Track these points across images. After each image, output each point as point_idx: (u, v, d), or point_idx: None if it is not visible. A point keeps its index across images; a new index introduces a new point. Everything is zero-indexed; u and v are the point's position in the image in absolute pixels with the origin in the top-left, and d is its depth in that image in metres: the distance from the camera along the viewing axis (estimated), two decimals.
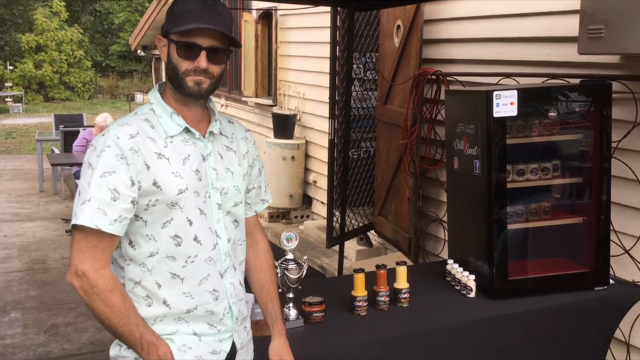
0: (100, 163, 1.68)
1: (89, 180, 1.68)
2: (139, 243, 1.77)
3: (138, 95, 18.92)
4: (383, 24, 5.08)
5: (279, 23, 7.98)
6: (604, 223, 2.95)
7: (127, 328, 1.71)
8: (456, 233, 3.27)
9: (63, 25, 26.01)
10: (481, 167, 2.82)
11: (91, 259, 1.68)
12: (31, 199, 8.88)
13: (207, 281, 1.83)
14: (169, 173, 1.75)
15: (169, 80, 1.82)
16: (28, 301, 5.20)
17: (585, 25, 3.14)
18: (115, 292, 1.70)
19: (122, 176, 1.68)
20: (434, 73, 4.38)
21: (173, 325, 1.81)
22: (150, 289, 1.78)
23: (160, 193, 1.73)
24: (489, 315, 2.70)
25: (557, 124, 2.96)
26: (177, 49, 1.76)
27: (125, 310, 1.71)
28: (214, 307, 1.85)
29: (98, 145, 1.72)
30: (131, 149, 1.70)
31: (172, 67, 1.78)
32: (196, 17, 1.72)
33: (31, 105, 23.53)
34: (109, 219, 1.67)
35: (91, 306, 1.70)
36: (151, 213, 1.75)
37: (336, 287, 2.97)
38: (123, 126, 1.74)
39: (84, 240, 1.68)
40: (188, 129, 1.82)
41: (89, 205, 1.65)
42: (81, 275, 1.67)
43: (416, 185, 4.60)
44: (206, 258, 1.82)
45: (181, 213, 1.77)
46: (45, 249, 6.64)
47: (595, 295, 2.90)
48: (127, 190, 1.69)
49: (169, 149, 1.77)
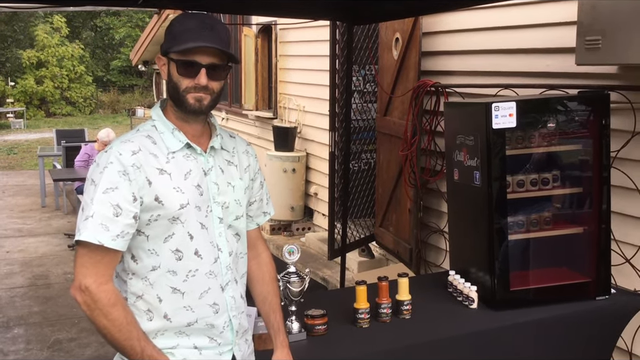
0: (103, 180, 1.71)
1: (91, 196, 1.71)
2: (141, 258, 1.79)
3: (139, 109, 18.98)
4: (382, 37, 5.12)
5: (278, 36, 8.03)
6: (604, 233, 2.96)
7: (128, 343, 1.73)
8: (457, 244, 3.28)
9: (64, 40, 26.15)
10: (481, 178, 2.84)
11: (93, 273, 1.70)
12: (33, 215, 8.90)
13: (208, 294, 1.85)
14: (170, 189, 1.78)
15: (170, 97, 1.86)
16: (31, 317, 5.20)
17: (582, 36, 3.17)
18: (117, 307, 1.72)
19: (124, 192, 1.71)
20: (433, 84, 4.41)
21: (174, 339, 1.83)
22: (151, 302, 1.80)
23: (162, 208, 1.76)
24: (492, 325, 2.71)
25: (556, 134, 2.97)
26: (177, 67, 1.79)
27: (126, 324, 1.72)
28: (214, 320, 1.86)
29: (101, 162, 1.75)
30: (133, 165, 1.73)
31: (173, 85, 1.82)
32: (194, 35, 1.76)
33: (32, 121, 23.60)
34: (112, 234, 1.69)
35: (93, 320, 1.72)
36: (153, 227, 1.77)
37: (338, 299, 2.98)
38: (126, 143, 1.77)
39: (87, 255, 1.71)
40: (189, 145, 1.84)
41: (91, 221, 1.68)
42: (83, 289, 1.70)
43: (417, 196, 4.62)
44: (207, 272, 1.84)
45: (182, 227, 1.79)
46: (47, 264, 6.65)
47: (596, 304, 2.90)
48: (129, 206, 1.71)
49: (171, 164, 1.80)
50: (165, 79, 1.85)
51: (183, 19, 1.82)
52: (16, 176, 12.46)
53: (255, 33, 8.50)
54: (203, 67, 1.78)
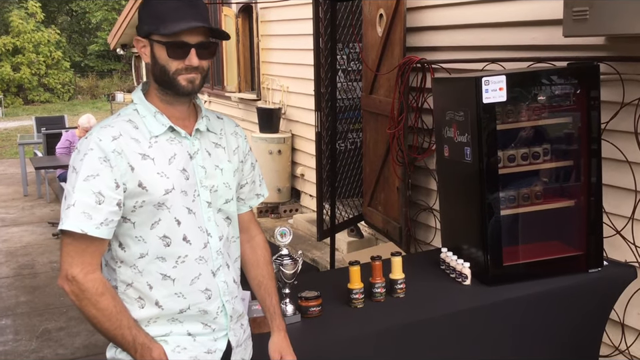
0: (83, 167, 1.67)
1: (73, 184, 1.68)
2: (129, 245, 1.76)
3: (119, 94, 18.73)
4: (366, 13, 5.05)
5: (259, 16, 7.92)
6: (595, 205, 2.96)
7: (119, 331, 1.71)
8: (448, 221, 3.26)
9: (40, 26, 25.68)
10: (472, 153, 2.81)
11: (80, 263, 1.68)
12: (15, 204, 8.78)
13: (199, 280, 1.81)
14: (154, 174, 1.74)
15: (156, 81, 1.79)
16: (18, 307, 5.14)
17: (570, 7, 3.13)
18: (106, 295, 1.69)
19: (106, 179, 1.67)
20: (419, 61, 4.36)
21: (167, 326, 1.80)
22: (142, 290, 1.77)
23: (146, 194, 1.72)
24: (486, 301, 2.70)
25: (546, 108, 2.95)
26: (166, 49, 1.73)
27: (116, 313, 1.70)
28: (207, 306, 1.83)
29: (81, 149, 1.72)
30: (114, 150, 1.69)
31: (160, 68, 1.75)
32: (180, 15, 1.71)
33: (10, 109, 23.25)
34: (95, 222, 1.66)
35: (82, 310, 1.70)
36: (139, 214, 1.74)
37: (330, 280, 2.96)
38: (106, 128, 1.73)
39: (72, 244, 1.68)
40: (173, 128, 1.80)
41: (73, 210, 1.65)
42: (70, 279, 1.67)
43: (405, 174, 4.59)
44: (196, 257, 1.81)
45: (169, 213, 1.76)
46: (32, 253, 6.57)
47: (589, 277, 2.91)
48: (111, 192, 1.68)
49: (154, 149, 1.76)
50: (148, 61, 1.79)
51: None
52: None
53: (235, 13, 8.38)
54: (193, 47, 1.73)
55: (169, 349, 1.79)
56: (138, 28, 1.79)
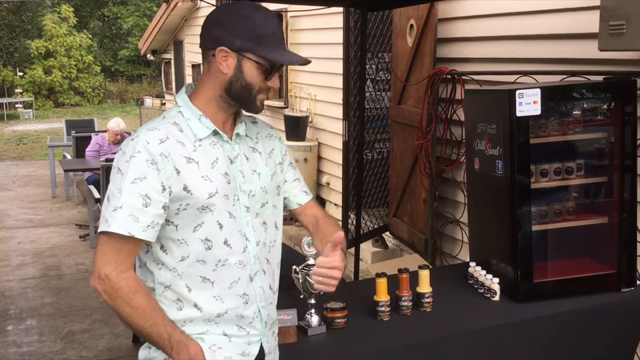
0: (130, 169, 1.67)
1: (119, 186, 1.67)
2: (171, 248, 1.76)
3: (147, 99, 18.93)
4: (396, 24, 5.04)
5: (289, 24, 7.94)
6: (627, 223, 2.89)
7: (154, 329, 1.70)
8: (477, 234, 3.21)
9: (72, 30, 26.10)
10: (504, 167, 2.77)
11: (114, 262, 1.67)
12: (44, 205, 8.89)
13: (237, 284, 1.81)
14: (198, 177, 1.73)
15: (230, 93, 1.78)
16: (44, 308, 5.19)
17: (606, 21, 3.08)
18: (139, 293, 1.69)
19: (153, 182, 1.67)
20: (449, 72, 4.33)
21: (203, 326, 1.80)
22: (180, 292, 1.77)
23: (190, 198, 1.72)
24: (515, 318, 2.65)
25: (580, 122, 2.90)
26: (263, 71, 1.75)
27: (150, 311, 1.69)
28: (243, 310, 1.83)
29: (127, 150, 1.71)
30: (161, 154, 1.69)
31: (244, 84, 1.76)
32: (278, 42, 1.76)
33: (41, 111, 23.63)
34: (142, 225, 1.66)
35: (115, 309, 1.69)
36: (182, 217, 1.74)
37: (356, 291, 2.92)
38: (152, 130, 1.72)
39: (108, 243, 1.67)
40: (216, 132, 1.80)
41: (121, 212, 1.65)
42: (103, 278, 1.66)
43: (432, 186, 4.55)
44: (236, 261, 1.80)
45: (212, 216, 1.76)
46: (59, 255, 6.63)
47: (621, 296, 2.84)
48: (158, 195, 1.68)
49: (198, 152, 1.76)
50: (227, 72, 1.75)
51: (263, 20, 1.74)
52: (26, 166, 12.47)
53: None
54: (278, 71, 1.80)
55: (206, 347, 1.79)
56: (222, 38, 1.73)
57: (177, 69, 13.95)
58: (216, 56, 1.75)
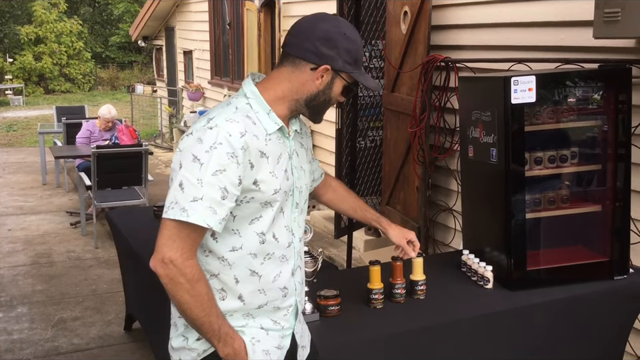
0: (212, 161, 1.66)
1: (198, 176, 1.65)
2: (223, 236, 1.77)
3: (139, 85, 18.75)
4: (390, 10, 5.00)
5: (282, 11, 7.88)
6: (620, 211, 2.89)
7: (207, 319, 1.71)
8: (471, 222, 3.21)
9: (62, 16, 25.83)
10: (498, 155, 2.76)
11: (180, 247, 1.67)
12: (34, 192, 8.83)
13: (280, 278, 1.85)
14: (267, 173, 1.76)
15: (309, 102, 1.83)
16: (34, 295, 5.16)
17: (601, 9, 3.06)
18: (201, 282, 1.70)
19: (231, 175, 1.68)
20: (443, 59, 4.31)
21: (243, 320, 1.83)
22: (227, 282, 1.79)
23: (257, 192, 1.74)
24: (508, 306, 2.65)
25: (575, 110, 2.89)
26: (345, 89, 1.84)
27: (207, 300, 1.71)
28: (281, 303, 1.87)
29: (206, 140, 1.68)
30: (242, 147, 1.69)
31: (326, 99, 1.84)
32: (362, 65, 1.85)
33: (31, 98, 23.42)
34: (219, 217, 1.67)
35: (173, 295, 1.69)
36: (243, 209, 1.75)
37: (349, 279, 2.92)
38: (232, 122, 1.71)
39: (176, 228, 1.66)
40: (282, 128, 1.83)
41: (201, 204, 1.65)
42: (167, 262, 1.66)
43: (425, 174, 4.54)
44: (280, 255, 1.84)
45: (271, 211, 1.79)
46: (50, 242, 6.59)
47: (614, 284, 2.85)
48: (234, 189, 1.69)
49: (268, 146, 1.77)
50: (319, 87, 1.81)
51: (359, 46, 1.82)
52: (16, 153, 12.37)
53: (258, 7, 8.35)
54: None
55: (247, 340, 1.81)
56: (330, 57, 1.78)
57: (168, 55, 13.84)
58: (316, 71, 1.79)
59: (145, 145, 6.80)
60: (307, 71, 1.79)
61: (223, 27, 10.25)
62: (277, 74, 1.84)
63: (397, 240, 2.38)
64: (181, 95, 12.66)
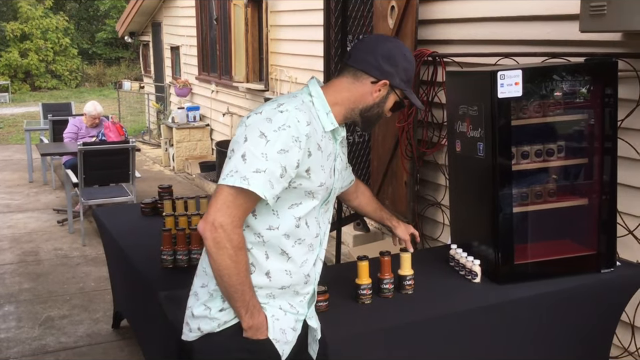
0: (279, 140, 1.78)
1: (263, 151, 1.76)
2: (262, 214, 1.87)
3: (126, 82, 18.64)
4: (377, 5, 4.99)
5: (269, 6, 7.85)
6: (607, 204, 2.90)
7: (241, 287, 1.80)
8: (458, 217, 3.21)
9: (48, 12, 25.63)
10: (485, 149, 2.76)
11: (232, 214, 1.75)
12: (20, 190, 8.76)
13: (305, 264, 1.97)
14: (319, 165, 1.89)
15: (363, 112, 2.01)
16: (21, 294, 5.12)
17: (587, 3, 3.07)
18: (243, 251, 1.80)
19: (292, 157, 1.80)
20: (430, 54, 4.30)
21: (265, 298, 1.92)
22: (258, 258, 1.88)
23: (307, 180, 1.86)
24: (496, 300, 2.65)
25: (562, 104, 2.90)
26: (395, 103, 2.03)
27: (245, 270, 1.80)
28: (302, 289, 1.99)
29: (276, 120, 1.80)
30: (307, 134, 1.82)
31: (379, 112, 2.03)
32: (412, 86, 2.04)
33: (17, 95, 23.23)
34: (275, 192, 1.79)
35: (216, 259, 1.76)
36: (288, 192, 1.86)
37: (338, 274, 2.91)
38: (301, 111, 1.84)
39: (232, 195, 1.75)
40: (335, 130, 1.98)
41: (263, 176, 1.76)
42: (217, 226, 1.74)
43: (413, 169, 4.54)
44: (309, 244, 1.96)
45: (312, 201, 1.92)
46: (36, 240, 6.54)
47: (601, 277, 2.86)
48: (291, 171, 1.81)
49: (324, 142, 1.92)
50: (375, 100, 2.00)
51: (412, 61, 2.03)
52: (2, 151, 12.27)
53: (245, 2, 8.31)
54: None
55: (269, 316, 1.91)
56: (390, 74, 1.97)
57: (155, 51, 13.76)
58: (376, 85, 1.98)
59: (133, 141, 6.76)
60: (367, 83, 1.97)
61: (210, 22, 10.20)
62: (337, 82, 2.01)
63: (403, 235, 2.65)
64: (169, 91, 12.59)
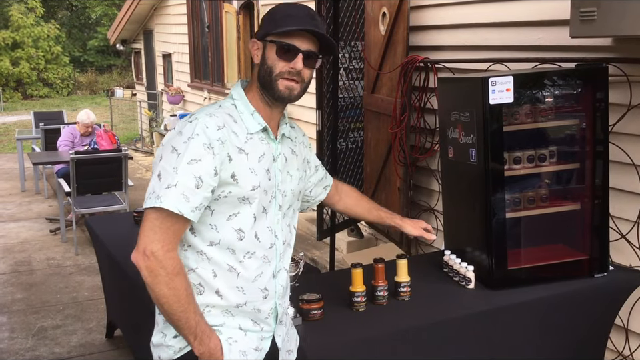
0: (188, 150, 1.71)
1: (174, 165, 1.71)
2: (200, 231, 1.80)
3: (118, 89, 18.61)
4: (368, 12, 5.00)
5: (260, 13, 7.86)
6: (599, 208, 2.91)
7: (184, 315, 1.71)
8: (452, 223, 3.22)
9: (39, 20, 25.59)
10: (478, 155, 2.77)
11: (162, 239, 1.69)
12: (13, 199, 8.72)
13: (261, 278, 1.87)
14: (246, 168, 1.81)
15: (260, 81, 1.87)
16: (14, 304, 5.09)
17: (577, 8, 3.08)
18: (181, 276, 1.72)
19: (207, 165, 1.72)
20: (422, 60, 4.31)
21: (221, 317, 1.84)
22: (205, 277, 1.81)
23: (235, 186, 1.78)
24: (490, 306, 2.65)
25: (553, 109, 2.91)
26: (276, 49, 1.82)
27: (186, 296, 1.72)
28: (261, 305, 1.89)
29: (185, 131, 1.75)
30: (219, 139, 1.75)
31: (266, 69, 1.84)
32: (297, 21, 1.81)
33: (9, 103, 23.16)
34: (191, 205, 1.71)
35: (153, 287, 1.70)
36: (220, 203, 1.79)
37: (332, 282, 2.91)
38: (211, 116, 1.78)
39: (158, 220, 1.70)
40: (266, 129, 1.88)
41: (174, 190, 1.69)
42: (149, 254, 1.68)
43: (406, 175, 4.55)
44: (262, 256, 1.87)
45: (249, 208, 1.82)
46: (29, 249, 6.51)
47: (594, 282, 2.86)
48: (210, 179, 1.73)
49: (249, 144, 1.83)
50: (258, 62, 1.87)
51: (286, 7, 1.86)
52: None
53: (236, 10, 8.33)
54: (301, 52, 1.81)
55: (223, 339, 1.82)
56: (257, 33, 1.89)
57: (147, 59, 13.75)
58: (252, 50, 1.89)
59: (125, 149, 6.74)
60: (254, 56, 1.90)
61: (201, 29, 10.20)
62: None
63: (415, 232, 2.50)
64: (161, 99, 12.57)
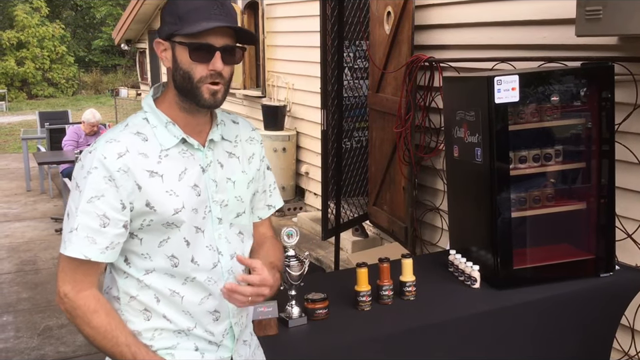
0: (87, 187, 1.56)
1: (76, 204, 1.58)
2: (134, 261, 1.67)
3: (122, 89, 18.68)
4: (373, 11, 4.99)
5: (265, 12, 7.87)
6: (605, 208, 2.90)
7: (117, 349, 1.61)
8: (457, 222, 3.21)
9: (44, 20, 25.68)
10: (483, 154, 2.76)
11: (71, 280, 1.60)
12: (18, 199, 8.75)
13: (208, 300, 1.72)
14: (162, 192, 1.62)
15: (177, 87, 1.65)
16: (20, 304, 5.10)
17: (583, 7, 3.07)
18: (99, 313, 1.60)
19: (111, 200, 1.57)
20: (427, 59, 4.31)
21: (174, 339, 1.71)
22: (147, 303, 1.68)
23: (154, 214, 1.62)
24: (496, 305, 2.65)
25: (559, 108, 2.90)
26: (189, 52, 1.59)
27: (111, 330, 1.60)
28: (214, 327, 1.75)
29: (85, 164, 1.60)
30: (119, 169, 1.57)
31: (183, 74, 1.61)
32: (205, 14, 1.57)
33: (14, 103, 23.24)
34: (100, 247, 1.58)
35: (77, 328, 1.63)
36: (146, 232, 1.64)
37: (337, 281, 2.91)
38: (111, 143, 1.59)
39: (66, 262, 1.60)
40: (185, 140, 1.67)
41: (76, 234, 1.56)
42: (62, 297, 1.61)
43: (411, 174, 4.54)
44: (204, 279, 1.70)
45: (178, 232, 1.65)
46: (34, 249, 6.53)
47: (600, 281, 2.85)
48: (117, 214, 1.58)
49: (163, 164, 1.63)
50: (169, 65, 1.64)
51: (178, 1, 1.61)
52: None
53: (241, 9, 8.33)
54: (218, 50, 1.59)
55: None
56: (159, 30, 1.65)
57: (152, 58, 13.78)
58: (158, 51, 1.66)
59: None
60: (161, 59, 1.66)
61: None
62: None
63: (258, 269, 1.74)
64: None
